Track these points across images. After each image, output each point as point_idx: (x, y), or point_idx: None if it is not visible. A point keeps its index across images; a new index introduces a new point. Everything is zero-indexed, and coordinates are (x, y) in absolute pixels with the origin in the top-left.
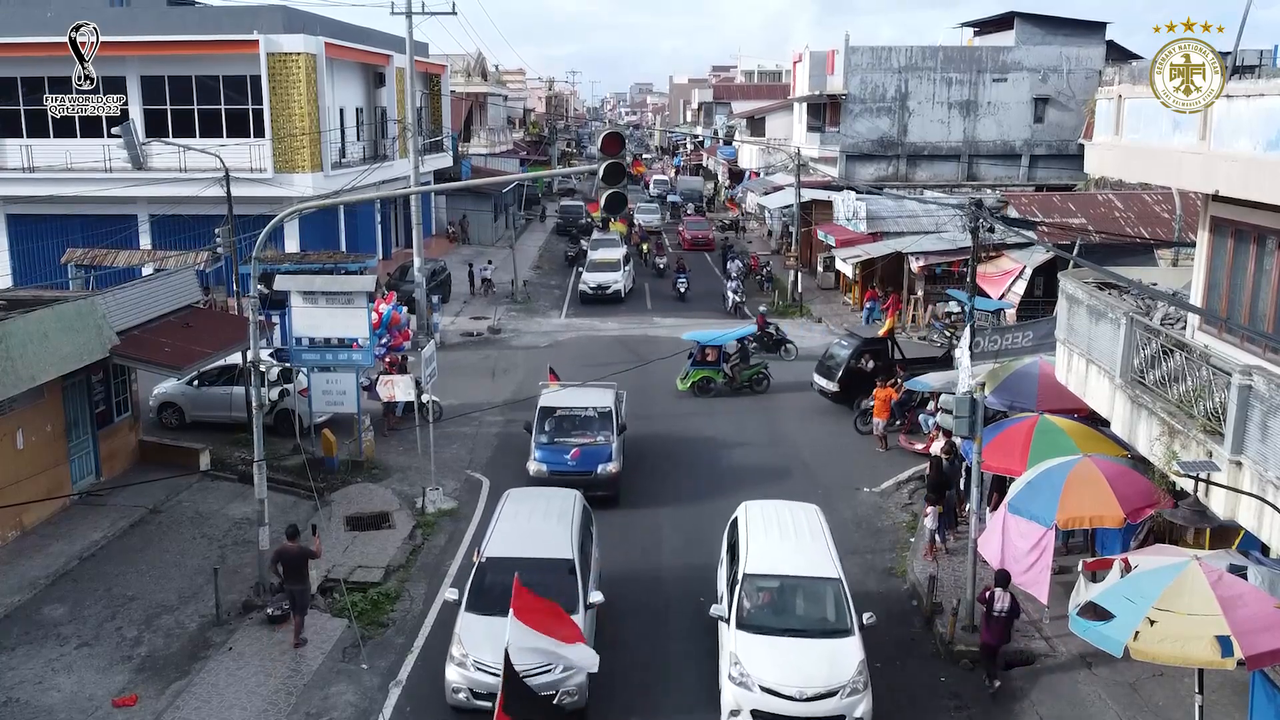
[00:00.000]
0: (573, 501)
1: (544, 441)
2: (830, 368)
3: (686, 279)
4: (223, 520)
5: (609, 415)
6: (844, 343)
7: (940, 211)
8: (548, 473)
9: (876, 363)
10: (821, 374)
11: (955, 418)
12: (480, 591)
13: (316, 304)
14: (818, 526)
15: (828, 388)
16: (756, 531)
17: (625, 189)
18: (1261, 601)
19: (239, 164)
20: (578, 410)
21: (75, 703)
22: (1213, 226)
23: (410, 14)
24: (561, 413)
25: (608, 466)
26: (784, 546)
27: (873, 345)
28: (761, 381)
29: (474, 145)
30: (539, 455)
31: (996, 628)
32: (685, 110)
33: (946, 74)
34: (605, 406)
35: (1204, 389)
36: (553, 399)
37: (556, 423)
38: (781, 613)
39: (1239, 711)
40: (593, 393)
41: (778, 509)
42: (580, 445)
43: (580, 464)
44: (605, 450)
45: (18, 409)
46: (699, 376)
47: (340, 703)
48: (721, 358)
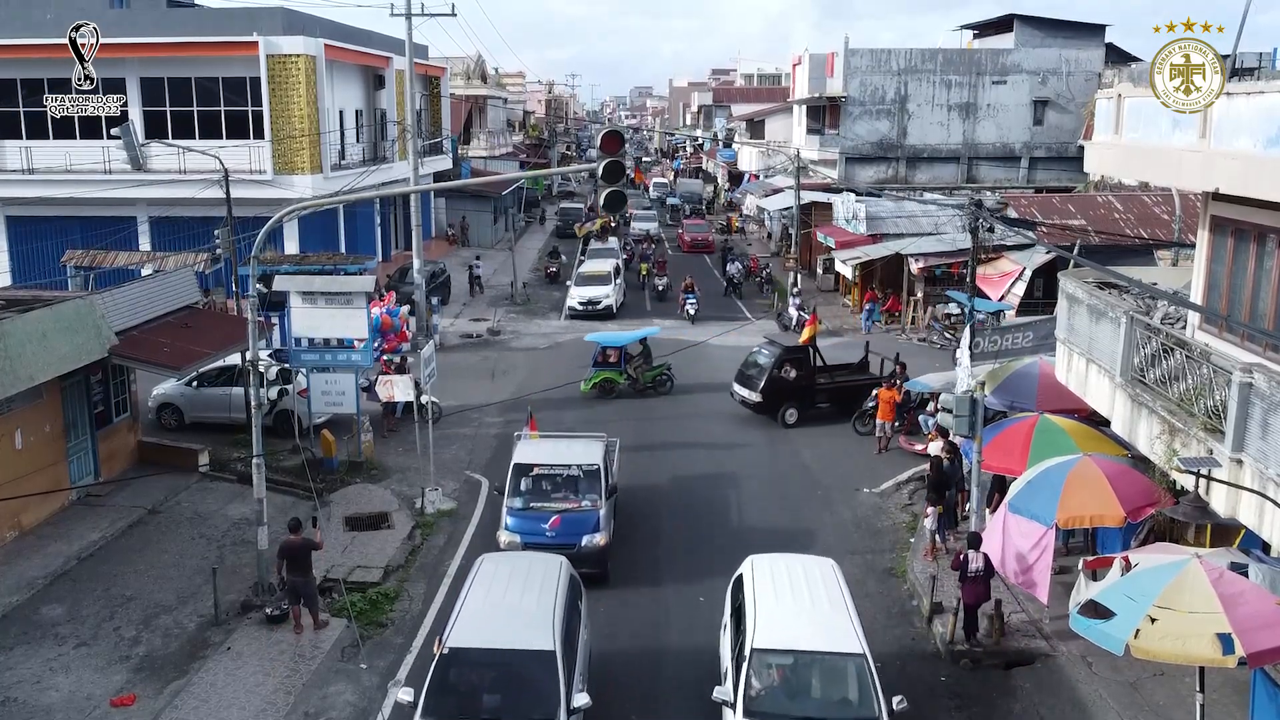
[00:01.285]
0: (558, 572)
1: (518, 507)
2: (751, 377)
3: (696, 300)
4: (221, 520)
5: (596, 475)
6: (765, 351)
7: (940, 213)
8: (521, 545)
9: (799, 371)
10: (742, 383)
11: (955, 417)
12: (441, 692)
13: (316, 304)
14: (836, 587)
15: (750, 398)
16: (765, 594)
17: (625, 188)
18: (1263, 599)
19: (238, 165)
20: (559, 468)
21: (73, 702)
22: (1213, 226)
23: (410, 15)
24: (539, 471)
25: (594, 538)
26: (798, 614)
27: (794, 353)
28: (665, 383)
29: (474, 148)
30: (511, 524)
31: (972, 587)
32: (685, 113)
33: (946, 76)
34: (592, 464)
35: (1204, 387)
36: (530, 453)
37: (533, 484)
38: (796, 695)
39: (1240, 710)
40: (578, 445)
41: (789, 565)
42: (561, 512)
43: (561, 535)
44: (591, 518)
45: (16, 409)
46: (600, 378)
47: (339, 702)
48: (623, 359)
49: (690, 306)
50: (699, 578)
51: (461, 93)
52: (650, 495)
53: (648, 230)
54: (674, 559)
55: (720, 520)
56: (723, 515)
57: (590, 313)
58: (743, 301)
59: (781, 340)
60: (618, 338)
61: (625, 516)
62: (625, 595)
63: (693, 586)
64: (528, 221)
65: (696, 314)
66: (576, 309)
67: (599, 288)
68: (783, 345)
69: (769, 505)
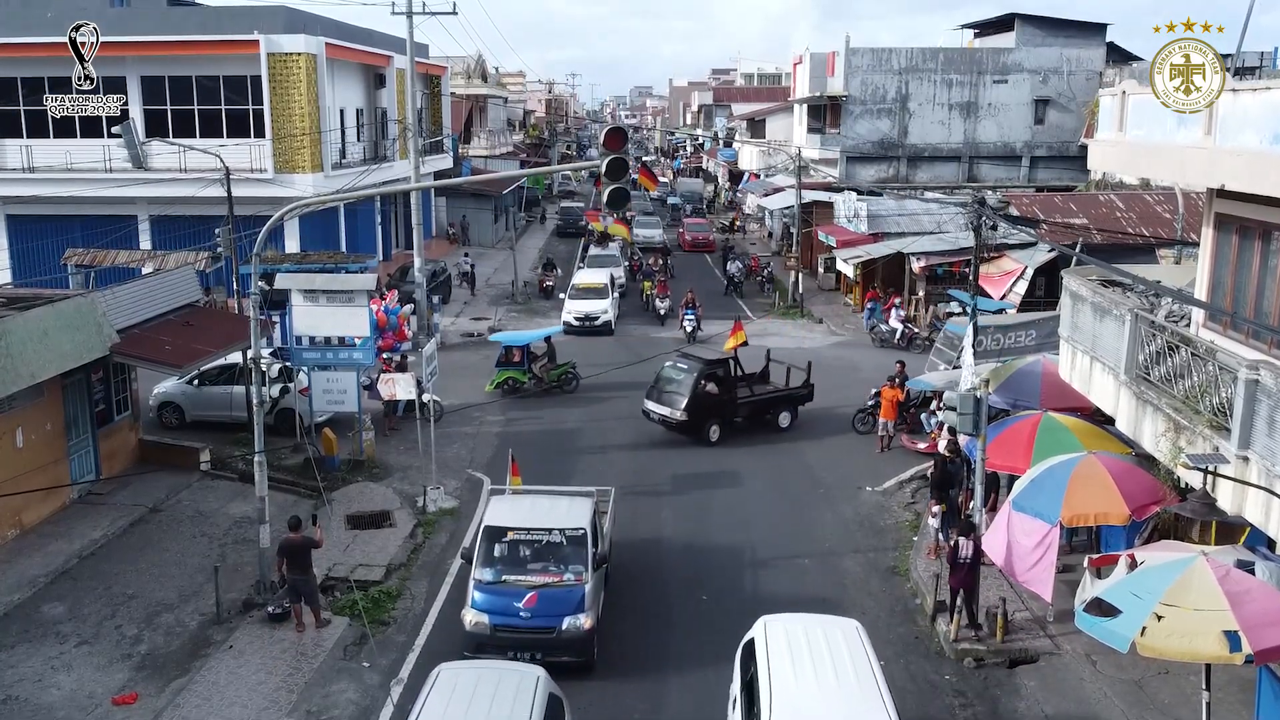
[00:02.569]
0: (533, 693)
1: (488, 580)
2: (671, 393)
3: (696, 317)
4: (223, 519)
5: (582, 541)
6: (681, 364)
7: (941, 212)
8: (490, 628)
9: (721, 385)
10: (659, 400)
11: (959, 415)
12: None
13: (317, 303)
14: (863, 656)
15: (672, 416)
16: (781, 667)
17: (627, 186)
18: (1269, 596)
19: (239, 164)
20: (538, 533)
21: (75, 700)
22: (1217, 223)
23: (411, 14)
24: (515, 536)
25: (578, 620)
26: (820, 691)
27: (716, 366)
28: (571, 381)
29: (474, 147)
30: (479, 600)
31: (961, 573)
32: (685, 113)
33: (947, 76)
34: (577, 528)
35: (1210, 384)
36: (504, 512)
37: (508, 550)
38: None
39: (1245, 709)
40: (562, 504)
41: (808, 630)
42: (539, 587)
43: (538, 615)
44: (574, 595)
45: (17, 407)
46: (504, 377)
47: (341, 700)
48: (527, 358)
49: (688, 322)
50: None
51: (462, 92)
52: (650, 492)
53: (652, 239)
54: (674, 554)
55: (723, 521)
56: (724, 514)
57: (586, 329)
58: (743, 300)
59: (698, 352)
60: (520, 337)
61: (621, 519)
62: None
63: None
64: (528, 221)
65: (694, 331)
66: (571, 324)
67: (595, 302)
68: (702, 358)
69: (771, 503)
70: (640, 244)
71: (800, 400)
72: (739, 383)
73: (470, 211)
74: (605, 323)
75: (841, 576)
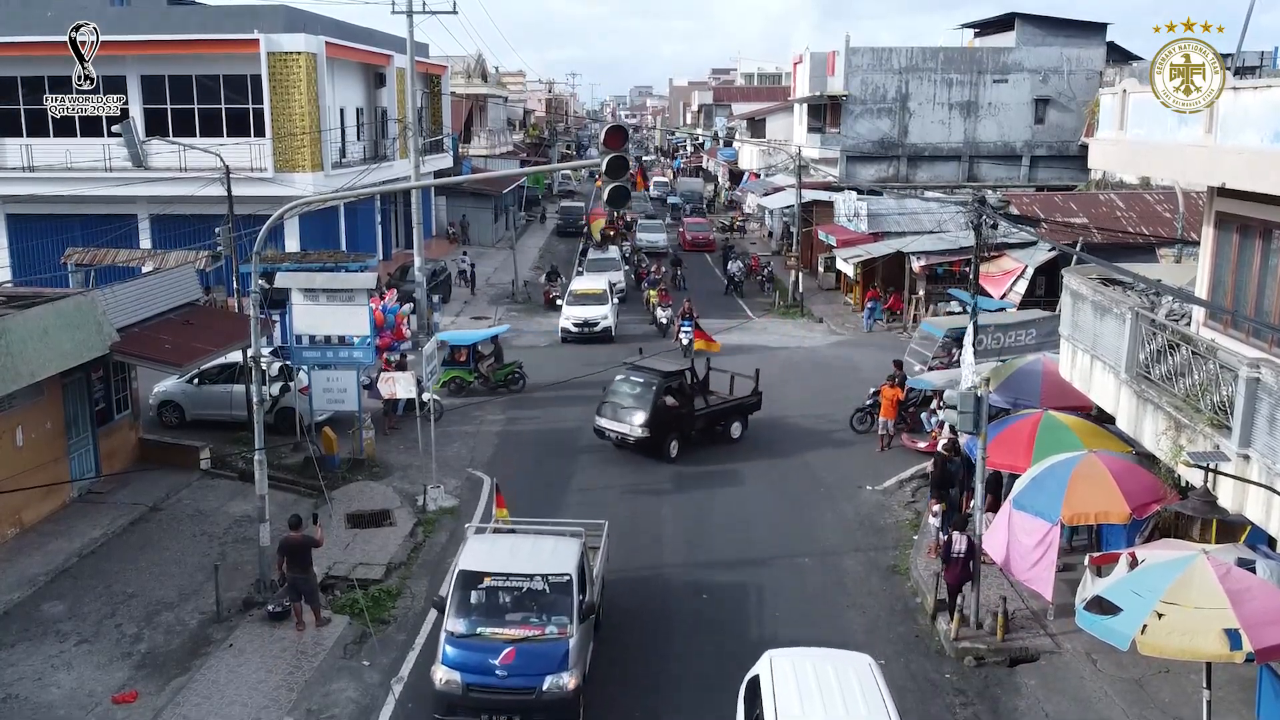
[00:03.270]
0: None
1: (461, 633)
2: (629, 409)
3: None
4: (223, 518)
5: (567, 588)
6: (636, 377)
7: (941, 211)
8: (463, 687)
9: (680, 398)
10: (615, 417)
11: (960, 414)
12: None
13: (317, 301)
14: (877, 697)
15: (631, 434)
16: (788, 708)
17: (629, 184)
18: (1270, 595)
19: (239, 163)
20: (518, 579)
21: (75, 699)
22: (1217, 222)
23: (411, 13)
24: (492, 582)
25: (561, 679)
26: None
27: (674, 378)
28: (517, 381)
29: (474, 146)
30: (450, 656)
31: (956, 567)
32: (685, 112)
33: (947, 75)
34: (562, 573)
35: (1210, 383)
36: (481, 555)
37: (485, 598)
38: None
39: (1246, 708)
40: (546, 545)
41: (816, 667)
42: (518, 641)
43: (516, 673)
44: (557, 651)
45: (17, 406)
46: (449, 377)
47: (341, 699)
48: (474, 357)
49: (684, 335)
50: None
51: (462, 91)
52: (650, 491)
53: (656, 243)
54: (674, 556)
55: (723, 521)
56: (725, 514)
57: (586, 335)
58: (744, 300)
59: (650, 364)
60: (466, 336)
61: (620, 519)
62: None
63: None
64: (528, 220)
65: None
66: (571, 331)
67: (595, 307)
68: (658, 370)
69: (771, 502)
70: (644, 248)
71: (751, 409)
72: (695, 394)
73: (470, 211)
74: (605, 329)
75: (842, 575)
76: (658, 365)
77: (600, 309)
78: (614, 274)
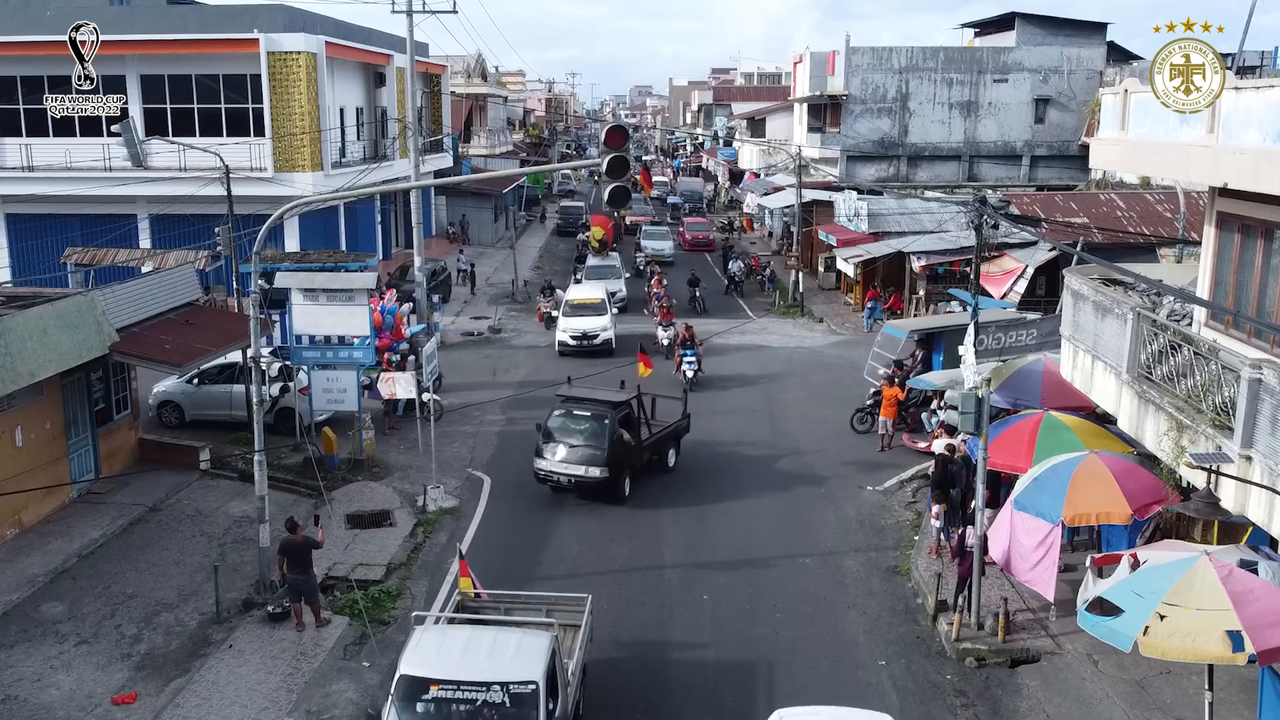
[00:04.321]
0: None
1: None
2: (580, 447)
3: (696, 358)
4: (223, 518)
5: (533, 700)
6: (581, 411)
7: (941, 211)
8: None
9: (630, 430)
10: (563, 459)
11: (961, 414)
12: None
13: (317, 301)
14: None
15: (589, 475)
16: None
17: (629, 185)
18: (1272, 596)
19: (239, 163)
20: (471, 689)
21: (74, 700)
22: (1219, 222)
23: (411, 13)
24: (440, 692)
25: None
26: None
27: (624, 407)
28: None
29: (474, 146)
30: None
31: (969, 559)
32: (685, 112)
33: (947, 75)
34: (526, 681)
35: (1212, 383)
36: (429, 655)
37: (432, 713)
38: None
39: (1248, 709)
40: (508, 644)
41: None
42: None
43: None
44: None
45: (17, 406)
46: None
47: (341, 700)
48: None
49: (688, 367)
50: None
51: (462, 91)
52: (649, 491)
53: (661, 252)
54: (675, 555)
55: (722, 520)
56: (724, 514)
57: (584, 349)
58: (744, 300)
59: (591, 394)
60: None
61: (620, 519)
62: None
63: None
64: (528, 220)
65: (695, 377)
66: (568, 345)
67: (594, 319)
68: (607, 401)
69: (771, 502)
70: (649, 257)
71: (683, 434)
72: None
73: (470, 210)
74: (605, 341)
75: (843, 576)
76: (600, 395)
77: (599, 320)
78: (613, 282)
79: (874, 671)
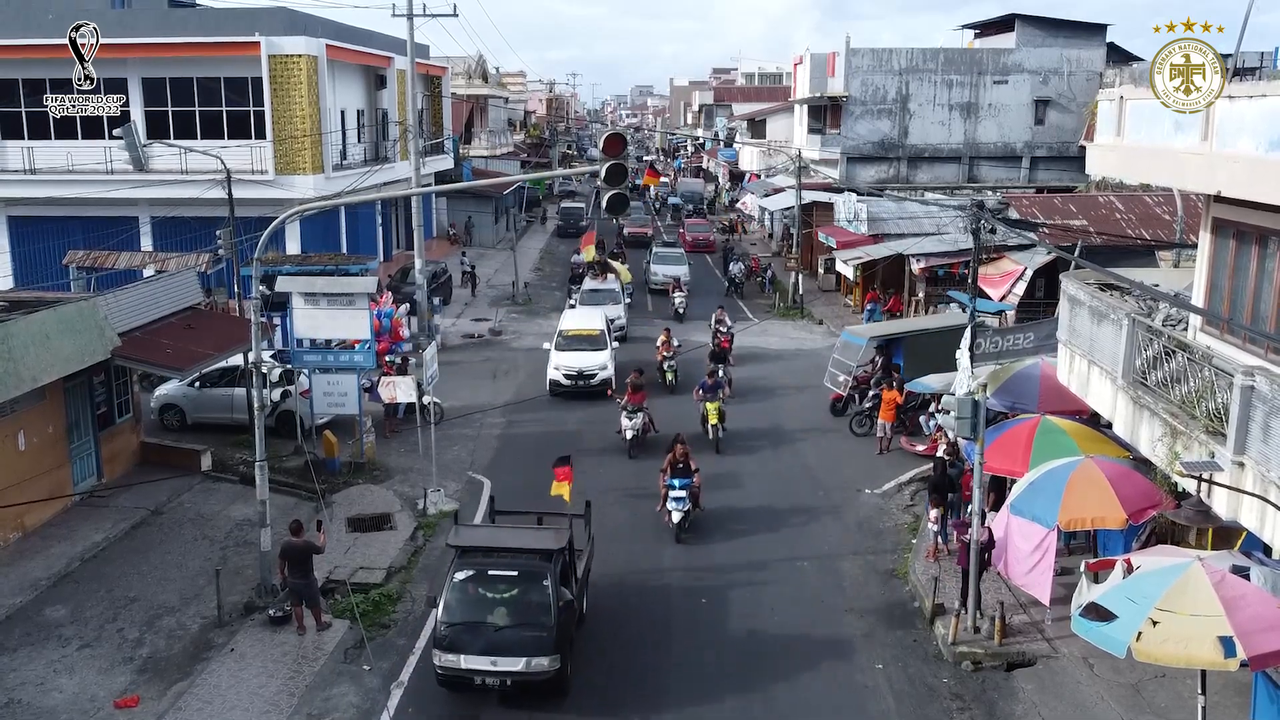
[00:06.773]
0: None
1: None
2: (516, 629)
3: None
4: (224, 522)
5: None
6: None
7: (941, 213)
8: None
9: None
10: (498, 650)
11: (957, 419)
12: None
13: (318, 305)
14: None
15: (533, 670)
16: None
17: (627, 192)
18: (1264, 602)
19: (240, 165)
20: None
21: (77, 704)
22: (1214, 228)
23: (411, 16)
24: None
25: None
26: None
27: (561, 556)
28: None
29: (475, 147)
30: None
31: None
32: (685, 113)
33: (947, 76)
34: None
35: (1207, 390)
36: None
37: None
38: None
39: (1241, 713)
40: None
41: None
42: None
43: None
44: None
45: (19, 410)
46: None
47: (343, 704)
48: None
49: (676, 507)
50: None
51: (462, 92)
52: (650, 494)
53: (677, 278)
54: (674, 554)
55: (722, 520)
56: (724, 514)
57: (580, 390)
58: (744, 302)
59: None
60: None
61: (619, 519)
62: None
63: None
64: (529, 221)
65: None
66: (561, 385)
67: (590, 354)
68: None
69: (769, 505)
70: (659, 284)
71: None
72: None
73: (472, 211)
74: (603, 381)
75: (840, 579)
76: (519, 536)
77: (597, 356)
78: (612, 308)
79: (871, 674)
